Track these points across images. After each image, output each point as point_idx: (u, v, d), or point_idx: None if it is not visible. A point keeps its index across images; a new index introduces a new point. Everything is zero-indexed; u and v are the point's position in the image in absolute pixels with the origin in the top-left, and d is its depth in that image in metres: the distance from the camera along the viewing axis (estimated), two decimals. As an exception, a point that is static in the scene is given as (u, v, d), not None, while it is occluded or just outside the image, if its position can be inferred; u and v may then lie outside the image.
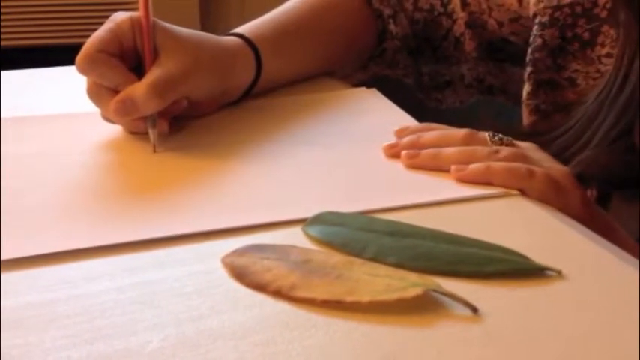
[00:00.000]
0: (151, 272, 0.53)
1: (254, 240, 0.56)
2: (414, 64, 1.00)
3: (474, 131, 0.70)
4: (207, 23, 2.47)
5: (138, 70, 0.72)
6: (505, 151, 0.66)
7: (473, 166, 0.64)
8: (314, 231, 0.57)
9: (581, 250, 0.56)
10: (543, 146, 0.72)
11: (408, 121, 0.78)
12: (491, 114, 1.17)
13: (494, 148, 0.67)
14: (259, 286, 0.50)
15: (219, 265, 0.53)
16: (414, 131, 0.72)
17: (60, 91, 0.89)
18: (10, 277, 0.52)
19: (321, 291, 0.49)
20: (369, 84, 0.89)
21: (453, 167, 0.65)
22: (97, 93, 0.73)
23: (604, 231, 0.61)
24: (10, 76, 0.93)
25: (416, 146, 0.69)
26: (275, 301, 0.49)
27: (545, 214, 0.61)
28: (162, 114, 0.72)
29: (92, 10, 2.48)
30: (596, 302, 0.50)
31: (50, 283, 0.51)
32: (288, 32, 0.86)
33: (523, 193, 0.63)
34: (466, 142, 0.68)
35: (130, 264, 0.54)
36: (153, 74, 0.71)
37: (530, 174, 0.63)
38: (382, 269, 0.51)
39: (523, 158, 0.66)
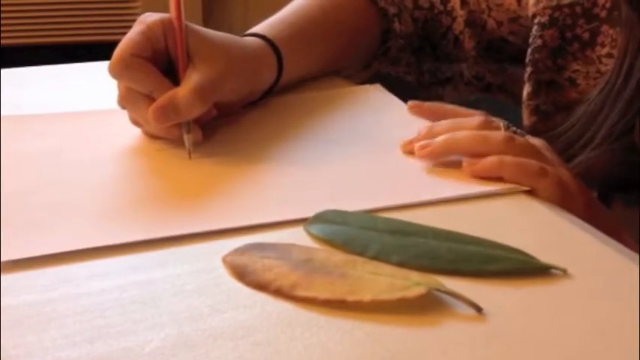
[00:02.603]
0: (151, 271, 0.52)
1: (255, 239, 0.55)
2: (416, 63, 0.99)
3: (489, 118, 0.69)
4: (209, 23, 2.46)
5: (167, 73, 0.71)
6: (520, 140, 0.65)
7: (485, 160, 0.63)
8: (315, 229, 0.56)
9: (587, 248, 0.55)
10: None
11: (414, 117, 0.78)
12: (492, 113, 1.16)
13: (509, 134, 0.65)
14: (260, 286, 0.50)
15: (219, 264, 0.53)
16: (427, 110, 0.72)
17: (63, 89, 0.88)
18: (9, 276, 0.52)
19: (322, 290, 0.48)
20: (370, 82, 0.89)
21: (464, 161, 0.63)
22: (130, 98, 0.71)
23: (607, 234, 0.60)
24: (13, 73, 0.92)
25: (429, 136, 0.68)
26: (276, 301, 0.49)
27: (550, 213, 0.60)
28: (195, 120, 0.70)
29: (93, 9, 2.47)
30: (601, 301, 0.49)
31: (50, 282, 0.51)
32: (303, 32, 0.86)
33: (530, 190, 0.62)
34: (481, 128, 0.67)
35: (130, 263, 0.53)
36: (193, 79, 0.69)
37: (543, 172, 0.63)
38: (385, 268, 0.51)
39: (536, 153, 0.65)
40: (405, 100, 0.83)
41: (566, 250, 0.55)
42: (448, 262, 0.52)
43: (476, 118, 0.69)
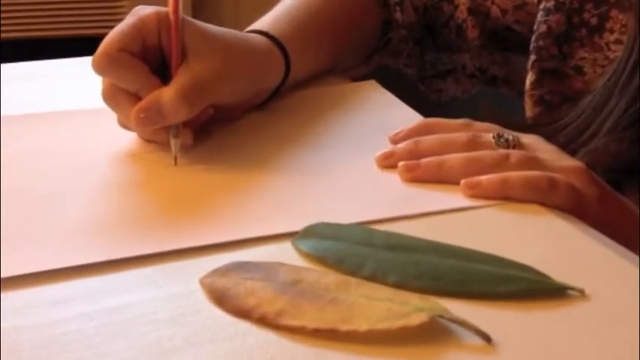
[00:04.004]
0: (119, 297, 0.46)
1: (238, 257, 0.50)
2: (418, 54, 0.95)
3: (477, 133, 0.64)
4: (199, 18, 2.40)
5: (160, 71, 0.65)
6: (515, 155, 0.61)
7: (487, 181, 0.58)
8: (305, 245, 0.51)
9: (607, 265, 0.50)
10: (549, 137, 0.67)
11: (412, 117, 0.72)
12: (493, 106, 1.12)
13: (503, 152, 0.61)
14: (242, 313, 0.44)
15: (197, 287, 0.47)
16: (409, 134, 0.65)
17: (62, 85, 0.82)
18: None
19: (312, 318, 0.43)
20: (367, 76, 0.84)
21: (462, 183, 0.58)
22: (114, 97, 0.65)
23: (624, 228, 0.57)
24: (13, 68, 0.86)
25: (414, 155, 0.62)
26: (259, 330, 0.43)
27: (566, 225, 0.54)
28: (186, 123, 0.64)
29: (94, 1, 2.40)
30: (623, 326, 0.44)
31: (4, 310, 0.45)
32: (308, 28, 0.80)
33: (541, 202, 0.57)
34: (470, 146, 0.62)
35: (96, 287, 0.47)
36: (181, 79, 0.64)
37: (552, 185, 0.58)
38: (382, 291, 0.45)
39: (536, 162, 0.60)
40: (404, 94, 0.79)
41: (582, 267, 0.49)
42: (452, 282, 0.47)
43: (463, 135, 0.64)
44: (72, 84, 0.82)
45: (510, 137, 0.63)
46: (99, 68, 0.63)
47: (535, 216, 0.56)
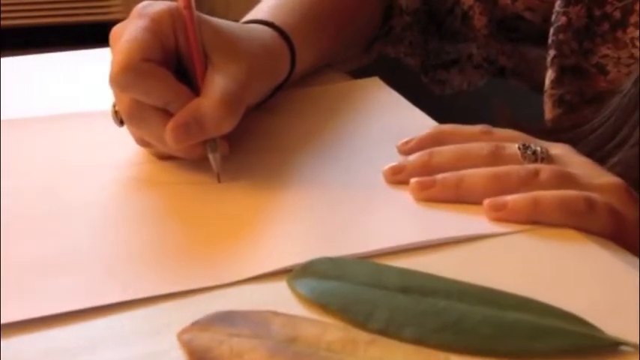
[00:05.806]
0: (79, 357, 0.38)
1: (222, 301, 0.42)
2: (421, 42, 0.89)
3: (500, 144, 0.57)
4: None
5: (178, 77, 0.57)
6: (546, 171, 0.53)
7: (514, 202, 0.51)
8: (303, 287, 0.43)
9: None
10: (572, 144, 0.61)
11: (423, 121, 0.65)
12: (503, 100, 1.06)
13: (531, 167, 0.54)
14: (227, 382, 0.36)
15: (173, 344, 0.39)
16: (421, 144, 0.58)
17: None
18: None
19: (313, 390, 0.35)
20: (366, 67, 0.80)
21: (486, 204, 0.51)
22: (139, 114, 0.56)
23: None
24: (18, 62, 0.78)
25: (428, 169, 0.55)
26: (249, 405, 0.36)
27: (610, 257, 0.46)
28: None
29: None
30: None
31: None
32: (310, 19, 0.73)
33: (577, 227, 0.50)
34: (493, 159, 0.55)
35: (46, 345, 0.39)
36: (219, 85, 0.56)
37: (590, 207, 0.51)
38: (397, 352, 0.37)
39: (570, 179, 0.53)
40: (405, 85, 0.73)
41: (634, 314, 0.41)
42: (481, 337, 0.39)
43: (484, 146, 0.56)
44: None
45: (538, 149, 0.56)
46: (123, 84, 0.55)
47: (572, 244, 0.48)
